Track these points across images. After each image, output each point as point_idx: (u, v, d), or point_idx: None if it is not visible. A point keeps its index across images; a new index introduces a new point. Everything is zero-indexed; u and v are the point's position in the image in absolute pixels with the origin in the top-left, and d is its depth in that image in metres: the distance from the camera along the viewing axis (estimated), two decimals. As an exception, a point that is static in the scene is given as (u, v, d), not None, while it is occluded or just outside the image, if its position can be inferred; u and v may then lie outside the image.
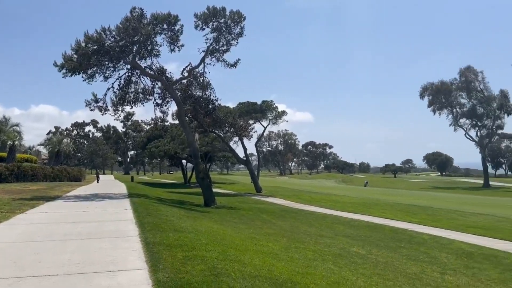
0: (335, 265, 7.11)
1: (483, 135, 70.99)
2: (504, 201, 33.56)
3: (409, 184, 75.06)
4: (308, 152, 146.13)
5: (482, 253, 9.15)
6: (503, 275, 7.23)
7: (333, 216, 16.59)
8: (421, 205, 22.81)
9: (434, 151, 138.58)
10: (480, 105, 68.34)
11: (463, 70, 68.74)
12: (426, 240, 10.89)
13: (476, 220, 15.66)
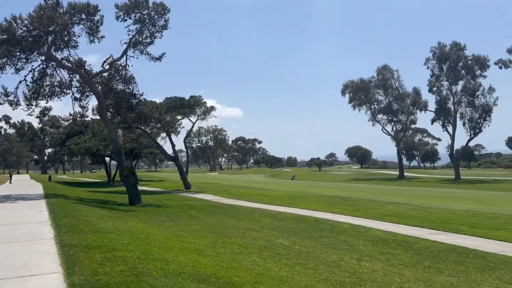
0: (260, 257, 7.22)
1: (398, 129, 76.48)
2: (417, 190, 36.46)
3: (332, 176, 78.65)
4: (238, 147, 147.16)
5: (396, 240, 9.83)
6: (413, 259, 7.83)
7: (261, 209, 16.87)
8: (343, 196, 24.00)
9: (355, 145, 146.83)
10: (395, 101, 73.45)
11: (380, 69, 73.37)
12: (346, 229, 11.48)
13: (391, 209, 16.79)
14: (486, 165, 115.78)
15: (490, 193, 31.87)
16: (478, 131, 63.75)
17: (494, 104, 62.89)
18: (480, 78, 63.05)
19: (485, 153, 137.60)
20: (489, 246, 8.92)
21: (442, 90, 65.82)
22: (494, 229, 11.09)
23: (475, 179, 61.13)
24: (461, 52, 63.32)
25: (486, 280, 6.29)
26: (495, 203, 21.17)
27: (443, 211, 15.78)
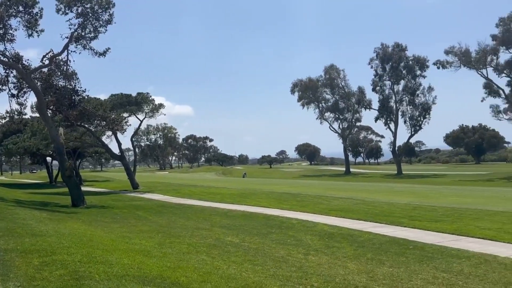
0: (208, 256, 7.18)
1: (345, 127, 79.02)
2: (362, 185, 37.86)
3: (282, 173, 79.83)
4: (189, 145, 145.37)
5: (341, 233, 10.14)
6: (357, 251, 8.12)
7: (211, 208, 16.77)
8: (292, 192, 24.43)
9: (305, 142, 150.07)
10: (341, 100, 75.81)
11: (327, 68, 75.39)
12: (294, 224, 11.69)
13: (338, 204, 17.30)
14: (426, 160, 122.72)
15: (429, 187, 33.76)
16: (418, 128, 67.31)
17: (433, 102, 66.70)
18: (420, 78, 66.62)
19: (425, 149, 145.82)
20: (428, 237, 9.43)
21: (385, 89, 68.87)
22: (432, 221, 11.74)
23: (416, 174, 64.53)
24: (403, 53, 66.50)
25: (424, 270, 6.64)
26: (433, 196, 22.42)
27: (386, 204, 16.49)
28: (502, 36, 54.74)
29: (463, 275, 6.29)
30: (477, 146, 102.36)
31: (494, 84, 58.42)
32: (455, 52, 58.09)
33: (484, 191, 28.21)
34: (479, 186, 35.33)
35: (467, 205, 16.26)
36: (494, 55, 56.31)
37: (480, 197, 21.43)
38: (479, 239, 9.05)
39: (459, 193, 25.52)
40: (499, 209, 14.21)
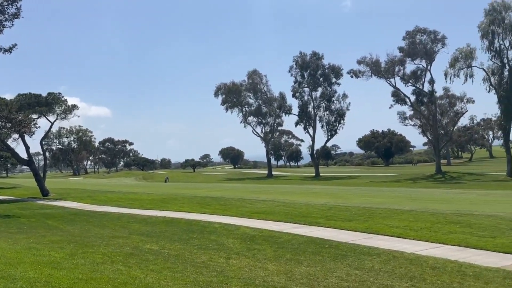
0: (125, 266, 6.86)
1: (267, 131, 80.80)
2: (283, 188, 38.93)
3: (206, 177, 79.34)
4: (106, 149, 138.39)
5: (262, 235, 10.29)
6: (277, 252, 8.29)
7: (129, 214, 16.09)
8: (215, 196, 24.34)
9: (229, 146, 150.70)
10: (264, 105, 77.43)
11: (250, 73, 76.59)
12: (216, 228, 11.64)
13: (260, 206, 17.56)
14: (341, 163, 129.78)
15: (344, 188, 35.71)
16: (334, 133, 71.06)
17: (347, 109, 70.88)
18: (335, 86, 70.48)
19: (340, 153, 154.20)
20: (342, 236, 9.93)
21: (304, 96, 71.80)
22: (346, 220, 12.40)
23: (332, 176, 67.97)
24: (320, 61, 69.85)
25: (338, 268, 6.97)
26: (347, 197, 23.74)
27: (304, 205, 17.10)
28: (408, 48, 59.90)
29: (373, 271, 6.70)
30: (386, 150, 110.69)
31: (401, 93, 63.71)
32: (366, 62, 62.33)
33: (392, 191, 30.53)
34: (388, 187, 38.18)
35: (377, 204, 17.44)
36: (401, 66, 61.41)
37: (389, 197, 23.14)
38: (388, 237, 9.72)
39: (371, 193, 27.32)
40: (406, 208, 15.42)
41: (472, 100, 67.97)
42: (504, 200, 20.79)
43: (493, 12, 48.71)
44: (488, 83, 51.13)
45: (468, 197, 23.04)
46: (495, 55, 49.89)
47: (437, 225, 10.83)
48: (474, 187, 37.25)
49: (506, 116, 50.25)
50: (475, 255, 7.59)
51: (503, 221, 11.11)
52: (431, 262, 7.12)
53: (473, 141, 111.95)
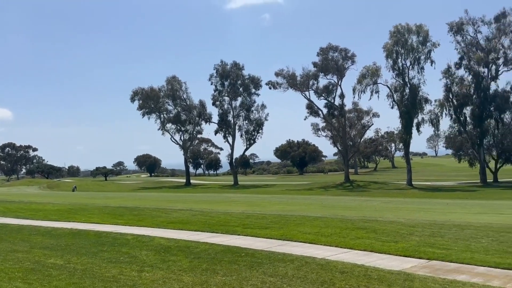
0: (24, 283, 6.25)
1: (186, 139, 79.72)
2: (201, 196, 38.59)
3: (119, 186, 75.83)
4: (6, 155, 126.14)
5: (178, 246, 10.05)
6: (193, 263, 8.14)
7: (31, 226, 14.74)
8: (129, 206, 23.32)
9: (145, 153, 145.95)
10: (183, 112, 76.42)
11: (169, 79, 75.22)
12: (129, 240, 11.12)
13: (177, 216, 17.16)
14: (259, 171, 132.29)
15: (261, 196, 36.43)
16: (253, 142, 72.37)
17: (266, 119, 72.65)
18: (254, 96, 71.94)
19: (258, 161, 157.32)
20: (258, 244, 10.06)
21: (224, 104, 72.23)
22: (263, 228, 12.60)
23: (250, 184, 68.98)
24: (240, 71, 70.91)
25: (254, 276, 7.03)
26: (264, 205, 24.22)
27: (222, 214, 17.08)
28: (321, 64, 63.27)
29: (287, 278, 6.86)
30: (301, 159, 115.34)
31: (315, 105, 66.99)
32: (283, 74, 64.65)
33: (306, 199, 31.80)
34: (302, 195, 39.73)
35: (292, 212, 18.01)
36: (315, 80, 64.64)
37: (303, 205, 24.06)
38: (301, 243, 10.06)
39: (286, 201, 28.19)
40: (318, 215, 16.12)
41: (378, 114, 73.81)
42: (404, 207, 22.70)
43: (397, 34, 53.45)
44: (391, 99, 55.84)
45: (373, 204, 24.79)
46: (398, 73, 54.69)
47: (345, 231, 11.45)
48: (378, 195, 40.25)
49: (406, 130, 55.20)
50: (379, 259, 8.14)
51: (403, 227, 12.10)
52: (340, 266, 7.49)
53: (377, 152, 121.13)
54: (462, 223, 12.82)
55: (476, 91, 54.11)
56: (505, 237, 9.95)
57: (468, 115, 55.70)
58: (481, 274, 6.83)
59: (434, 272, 7.04)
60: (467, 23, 54.23)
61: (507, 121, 56.08)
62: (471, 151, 58.75)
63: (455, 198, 32.16)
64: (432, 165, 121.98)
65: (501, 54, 53.00)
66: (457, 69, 55.41)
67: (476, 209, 20.21)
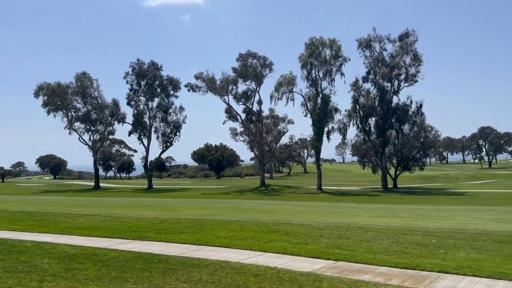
0: None
1: (96, 139, 75.39)
2: (111, 200, 36.72)
3: (18, 188, 69.39)
4: None
5: (84, 253, 9.44)
6: (101, 271, 7.69)
7: None
8: (30, 210, 21.43)
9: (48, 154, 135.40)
10: (94, 111, 72.24)
11: (79, 75, 70.66)
12: (29, 247, 10.20)
13: (83, 221, 16.16)
14: (175, 175, 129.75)
15: (177, 200, 35.69)
16: (169, 144, 70.70)
17: (183, 121, 71.48)
18: (172, 98, 70.42)
19: (174, 165, 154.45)
20: (172, 249, 9.83)
21: (139, 104, 69.57)
22: (177, 233, 12.35)
23: (165, 188, 67.28)
24: (158, 71, 68.99)
25: (167, 283, 6.84)
26: (179, 209, 23.78)
27: (134, 219, 16.44)
28: (240, 70, 64.10)
29: (201, 283, 6.79)
30: (218, 163, 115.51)
31: (234, 110, 67.60)
32: (203, 78, 64.31)
33: (222, 203, 31.86)
34: (219, 199, 39.73)
35: (208, 216, 17.93)
36: (234, 85, 65.25)
37: (219, 209, 24.07)
38: (216, 247, 10.04)
39: (202, 205, 27.97)
40: (233, 219, 16.24)
41: (292, 121, 76.70)
42: (314, 210, 23.79)
43: (312, 46, 56.10)
44: (305, 108, 58.36)
45: (286, 208, 25.62)
46: (311, 84, 57.37)
47: (260, 234, 11.68)
48: (291, 198, 41.72)
49: (318, 137, 58.06)
50: (291, 261, 8.42)
51: (313, 229, 12.67)
52: (254, 270, 7.60)
53: (291, 157, 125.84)
54: (365, 226, 13.79)
55: (380, 104, 58.74)
56: (403, 238, 10.88)
57: (373, 125, 60.18)
58: (382, 273, 7.39)
59: (341, 272, 7.46)
60: (374, 40, 58.72)
61: (406, 132, 61.58)
62: (374, 159, 63.48)
63: (360, 202, 34.49)
64: (340, 171, 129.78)
65: (403, 70, 58.15)
66: (364, 82, 59.66)
67: (378, 212, 21.86)
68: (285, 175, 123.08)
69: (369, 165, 67.39)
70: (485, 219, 17.74)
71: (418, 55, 57.14)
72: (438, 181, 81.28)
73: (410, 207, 27.25)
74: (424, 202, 33.24)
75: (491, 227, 13.88)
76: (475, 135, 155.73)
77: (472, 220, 16.95)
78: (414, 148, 64.26)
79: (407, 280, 6.92)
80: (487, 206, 28.15)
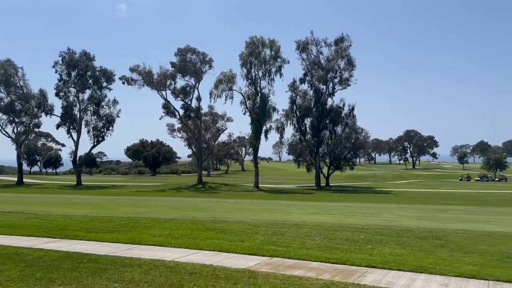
0: None
1: (20, 132, 70.30)
2: (36, 197, 34.45)
3: None
4: None
5: (6, 253, 8.80)
6: (24, 272, 7.20)
7: None
8: None
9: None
10: (19, 101, 67.30)
11: (3, 63, 65.42)
12: None
13: (5, 219, 15.05)
14: (107, 171, 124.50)
15: (108, 198, 34.30)
16: (101, 139, 67.62)
17: (117, 115, 68.74)
18: (106, 90, 67.40)
19: (106, 160, 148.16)
20: (103, 249, 9.43)
21: (69, 96, 65.80)
22: (109, 231, 11.88)
23: (96, 185, 64.38)
24: (90, 62, 65.68)
25: (97, 283, 6.55)
26: (111, 207, 22.89)
27: (62, 217, 15.57)
28: (179, 65, 63.00)
29: (134, 283, 6.59)
30: (154, 160, 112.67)
31: (172, 106, 66.24)
32: (139, 71, 62.32)
33: (157, 200, 31.15)
34: (154, 196, 38.78)
35: (142, 214, 17.44)
36: (173, 80, 63.97)
37: (154, 207, 23.51)
38: (150, 246, 9.79)
39: (136, 203, 27.15)
40: (169, 217, 15.94)
41: (231, 119, 76.88)
42: (251, 207, 24.05)
43: (252, 45, 56.57)
44: (244, 106, 58.76)
45: (223, 205, 25.64)
46: (251, 82, 57.88)
47: (196, 232, 11.58)
48: (228, 196, 41.83)
49: (256, 136, 58.72)
50: (227, 258, 8.44)
51: (250, 226, 12.80)
52: (189, 268, 7.52)
53: (229, 155, 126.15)
54: (299, 223, 14.20)
55: (316, 105, 60.72)
56: (334, 234, 11.35)
57: (308, 125, 62.09)
58: (315, 268, 7.65)
59: (276, 268, 7.61)
60: (312, 43, 60.56)
61: (339, 133, 64.25)
62: (309, 158, 65.57)
63: (294, 199, 35.44)
64: (276, 169, 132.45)
65: (338, 74, 60.57)
66: (301, 83, 61.36)
67: (311, 209, 22.61)
68: (223, 173, 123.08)
69: (304, 164, 69.47)
70: (408, 216, 19.03)
71: (351, 59, 59.83)
72: (367, 180, 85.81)
73: (341, 204, 28.48)
74: (353, 200, 34.93)
75: (414, 224, 14.93)
76: (401, 138, 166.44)
77: (397, 218, 18.11)
78: (345, 149, 67.29)
79: (337, 274, 7.22)
80: (410, 204, 30.21)
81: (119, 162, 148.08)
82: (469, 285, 6.66)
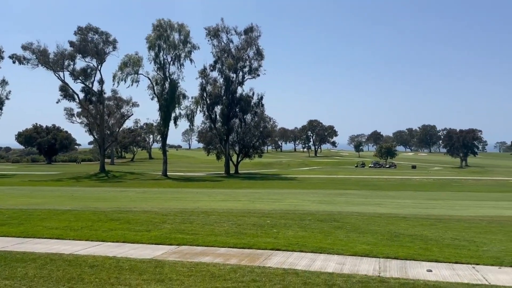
0: None
1: None
2: None
3: None
4: None
5: None
6: None
7: None
8: None
9: None
10: None
11: None
12: None
13: None
14: None
15: (-4, 188, 30.95)
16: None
17: (7, 97, 62.21)
18: (-8, 69, 60.29)
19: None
20: (-11, 244, 8.50)
21: None
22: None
23: (-19, 174, 57.59)
24: (-26, 36, 58.18)
25: (-19, 282, 5.90)
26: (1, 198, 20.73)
27: None
28: (79, 45, 58.63)
29: (27, 279, 6.06)
30: (50, 147, 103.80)
31: (70, 88, 61.54)
32: (33, 49, 56.83)
33: (54, 191, 28.92)
34: (50, 186, 35.92)
35: (36, 205, 16.06)
36: (72, 61, 59.37)
37: (50, 197, 21.79)
38: (46, 239, 9.06)
39: (29, 193, 24.93)
40: (67, 208, 14.88)
41: (137, 104, 73.98)
42: (159, 196, 23.52)
43: (160, 28, 54.66)
44: (152, 91, 56.86)
45: (128, 195, 24.69)
46: (159, 67, 56.08)
47: (98, 224, 10.99)
48: (134, 185, 40.35)
49: (165, 122, 57.29)
50: (132, 249, 8.15)
51: (157, 216, 12.50)
52: (90, 261, 7.12)
53: (136, 142, 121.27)
54: (208, 210, 14.25)
55: (226, 93, 61.04)
56: (241, 221, 11.58)
57: (218, 113, 62.28)
58: (222, 254, 7.74)
59: (183, 256, 7.55)
60: (222, 31, 60.52)
61: (248, 121, 65.47)
62: (219, 146, 65.91)
63: (204, 187, 35.42)
64: (186, 157, 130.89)
65: (247, 63, 61.45)
66: (212, 71, 61.19)
67: (220, 197, 22.83)
68: (129, 161, 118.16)
69: (213, 152, 69.63)
70: (310, 201, 20.19)
71: (260, 50, 61.11)
72: (274, 167, 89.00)
73: (249, 191, 29.19)
74: (261, 187, 36.00)
75: (315, 208, 15.88)
76: (305, 127, 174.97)
77: (300, 202, 19.11)
78: (254, 137, 68.86)
79: (244, 258, 7.40)
80: (312, 189, 32.06)
81: (9, 149, 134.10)
82: (363, 263, 7.27)
